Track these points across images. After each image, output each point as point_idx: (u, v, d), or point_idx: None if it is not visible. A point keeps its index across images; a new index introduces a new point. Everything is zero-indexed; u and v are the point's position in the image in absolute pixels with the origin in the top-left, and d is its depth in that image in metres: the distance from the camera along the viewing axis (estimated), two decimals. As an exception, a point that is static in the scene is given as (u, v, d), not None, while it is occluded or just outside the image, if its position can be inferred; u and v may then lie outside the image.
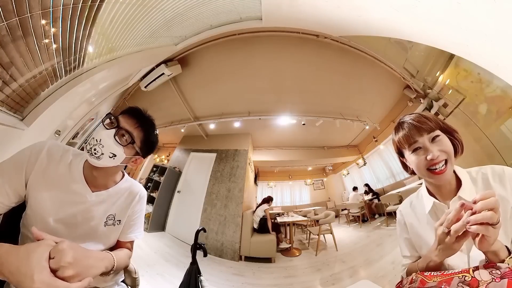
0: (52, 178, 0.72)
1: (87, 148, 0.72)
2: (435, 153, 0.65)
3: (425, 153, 0.67)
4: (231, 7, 2.36)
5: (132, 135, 0.75)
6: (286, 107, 3.98)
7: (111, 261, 0.70)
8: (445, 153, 0.66)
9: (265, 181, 5.34)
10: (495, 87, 2.33)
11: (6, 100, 1.43)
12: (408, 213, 0.83)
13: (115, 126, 0.74)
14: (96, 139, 0.72)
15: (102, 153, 0.71)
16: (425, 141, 0.68)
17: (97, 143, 0.71)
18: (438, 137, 0.68)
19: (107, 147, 0.72)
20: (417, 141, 0.69)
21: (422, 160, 0.67)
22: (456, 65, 2.69)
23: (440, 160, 0.66)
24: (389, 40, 2.73)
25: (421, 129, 0.69)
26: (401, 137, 0.72)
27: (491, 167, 0.70)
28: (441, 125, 0.71)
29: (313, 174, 5.70)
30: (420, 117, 0.71)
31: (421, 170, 0.69)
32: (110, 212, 0.81)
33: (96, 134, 0.73)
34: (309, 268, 2.95)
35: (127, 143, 0.75)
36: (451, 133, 0.71)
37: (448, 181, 0.69)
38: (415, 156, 0.69)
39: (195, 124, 4.29)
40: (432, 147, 0.67)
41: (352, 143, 5.01)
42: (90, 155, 0.72)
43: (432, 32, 1.69)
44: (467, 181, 0.69)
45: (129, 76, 3.01)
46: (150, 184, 4.35)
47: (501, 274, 0.47)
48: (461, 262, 0.64)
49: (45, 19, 1.28)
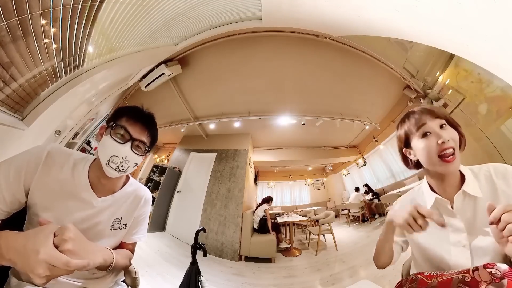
0: (56, 185, 0.71)
1: (112, 167, 0.73)
2: (446, 137, 0.65)
3: (437, 138, 0.66)
4: (231, 7, 2.36)
5: (145, 144, 0.79)
6: (286, 107, 3.98)
7: (110, 256, 0.70)
8: (454, 141, 0.66)
9: (265, 181, 5.35)
10: (495, 87, 2.33)
11: (6, 100, 1.43)
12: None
13: (128, 139, 0.75)
14: (121, 157, 0.73)
15: (128, 166, 0.75)
16: (434, 125, 0.68)
17: (124, 160, 0.74)
18: (446, 125, 0.68)
19: (132, 160, 0.75)
20: (426, 123, 0.69)
21: (433, 145, 0.66)
22: (456, 65, 2.69)
23: (451, 146, 0.65)
24: (389, 40, 2.73)
25: (431, 113, 0.69)
26: (411, 122, 0.72)
27: (492, 165, 0.70)
28: (448, 118, 0.71)
29: (313, 174, 5.71)
30: (429, 106, 0.73)
31: (431, 157, 0.67)
32: (116, 216, 0.82)
33: (118, 152, 0.73)
34: (309, 268, 2.95)
35: (144, 153, 0.79)
36: (456, 126, 0.71)
37: (454, 173, 0.69)
38: (425, 141, 0.68)
39: (195, 124, 4.29)
40: (442, 132, 0.67)
41: (352, 143, 5.02)
42: (118, 172, 0.74)
43: (432, 32, 1.68)
44: (470, 176, 0.69)
45: (129, 76, 3.01)
46: (150, 184, 4.35)
47: (501, 275, 0.47)
48: (463, 257, 0.64)
49: (45, 19, 1.28)
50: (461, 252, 0.65)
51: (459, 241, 0.66)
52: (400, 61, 3.08)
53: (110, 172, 0.74)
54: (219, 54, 3.25)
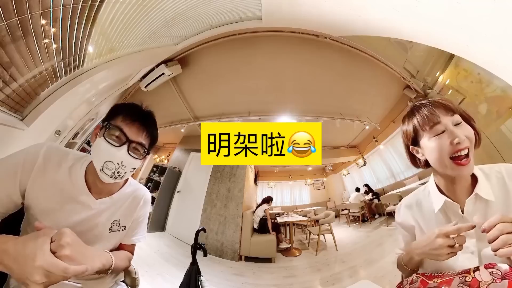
0: (53, 186, 0.69)
1: (107, 173, 0.67)
2: (462, 137, 0.57)
3: (451, 137, 0.58)
4: (231, 7, 2.36)
5: (144, 146, 0.72)
6: (286, 107, 3.98)
7: (109, 260, 0.69)
8: (469, 141, 0.59)
9: (265, 181, 5.33)
10: (495, 87, 2.33)
11: (6, 100, 1.43)
12: (412, 212, 0.76)
13: (124, 141, 0.68)
14: (117, 162, 0.67)
15: (125, 172, 0.70)
16: (449, 123, 0.60)
17: (119, 166, 0.68)
18: (461, 123, 0.61)
19: (129, 165, 0.70)
20: (440, 121, 0.60)
21: (446, 145, 0.58)
22: (456, 65, 2.69)
23: (466, 146, 0.58)
24: (389, 40, 2.73)
25: (446, 108, 0.61)
26: (422, 118, 0.63)
27: (504, 166, 0.65)
28: (462, 111, 0.63)
29: (313, 174, 5.70)
30: (441, 98, 0.64)
31: (443, 159, 0.59)
32: (115, 218, 0.79)
33: (112, 157, 0.67)
34: (309, 268, 2.95)
35: (143, 156, 0.73)
36: (470, 121, 0.63)
37: (467, 176, 0.63)
38: (437, 141, 0.60)
39: (195, 124, 4.29)
40: (458, 130, 0.59)
41: (352, 143, 5.01)
42: (114, 178, 0.68)
43: (432, 32, 1.68)
44: (482, 178, 0.63)
45: (129, 76, 3.00)
46: (150, 184, 4.35)
47: (502, 275, 0.47)
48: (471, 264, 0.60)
49: (45, 19, 1.28)
50: (469, 259, 0.60)
51: (467, 247, 0.60)
52: (400, 61, 3.08)
53: (105, 179, 0.68)
54: (219, 54, 3.25)
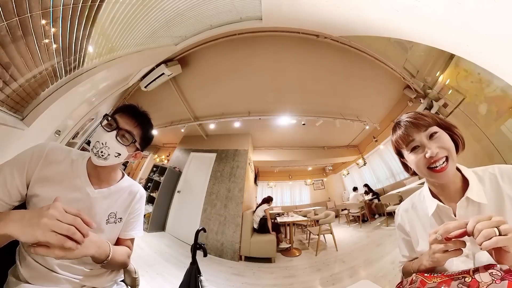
0: (55, 177, 0.74)
1: (94, 152, 0.76)
2: (434, 150, 0.62)
3: (424, 151, 0.64)
4: (231, 7, 2.36)
5: (133, 135, 0.80)
6: (286, 107, 3.98)
7: (106, 248, 0.70)
8: (445, 150, 0.63)
9: (265, 181, 5.34)
10: (495, 87, 2.33)
11: (6, 100, 1.43)
12: (409, 215, 0.79)
13: (114, 127, 0.77)
14: (102, 142, 0.75)
15: (108, 154, 0.76)
16: (423, 138, 0.65)
17: (103, 146, 0.75)
18: (436, 133, 0.65)
19: (113, 148, 0.76)
20: (414, 139, 0.66)
21: (421, 158, 0.64)
22: (456, 65, 2.69)
23: (440, 157, 0.63)
24: (389, 40, 2.73)
25: (418, 126, 0.66)
26: (398, 137, 0.70)
27: (498, 167, 0.66)
28: (439, 121, 0.68)
29: (313, 174, 5.70)
30: (415, 114, 0.69)
31: (421, 170, 0.66)
32: (112, 210, 0.83)
33: (100, 138, 0.76)
34: (309, 268, 2.95)
35: (129, 143, 0.80)
36: (450, 128, 0.68)
37: (451, 180, 0.66)
38: (414, 155, 0.67)
39: (195, 124, 4.29)
40: (431, 144, 0.64)
41: (352, 143, 5.01)
42: (97, 157, 0.76)
43: (432, 32, 1.68)
44: (474, 180, 0.65)
45: (129, 76, 3.01)
46: (150, 184, 4.35)
47: (502, 276, 0.47)
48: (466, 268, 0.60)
49: (45, 19, 1.28)
50: (464, 262, 0.62)
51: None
52: (400, 61, 3.08)
53: (93, 159, 0.76)
54: (219, 54, 3.25)
